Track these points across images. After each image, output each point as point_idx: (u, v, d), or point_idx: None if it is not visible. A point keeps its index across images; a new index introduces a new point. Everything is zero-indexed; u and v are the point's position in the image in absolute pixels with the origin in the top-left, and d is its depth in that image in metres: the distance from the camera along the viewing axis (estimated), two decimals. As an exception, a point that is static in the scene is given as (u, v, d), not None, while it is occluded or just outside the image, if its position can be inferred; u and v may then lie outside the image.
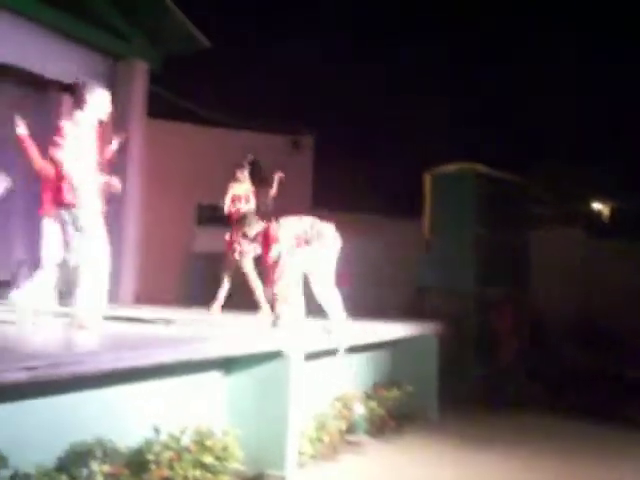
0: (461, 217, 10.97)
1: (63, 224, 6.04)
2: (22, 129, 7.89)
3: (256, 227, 7.41)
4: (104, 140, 6.27)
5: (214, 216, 9.39)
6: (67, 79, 10.09)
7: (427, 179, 11.35)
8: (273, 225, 7.31)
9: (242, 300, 9.13)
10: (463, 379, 9.98)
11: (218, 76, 12.23)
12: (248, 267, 9.15)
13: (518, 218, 12.06)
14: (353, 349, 7.63)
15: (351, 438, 7.29)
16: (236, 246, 8.93)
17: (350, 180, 13.42)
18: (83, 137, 5.97)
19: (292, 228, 7.21)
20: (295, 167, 13.35)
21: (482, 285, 10.95)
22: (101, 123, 6.19)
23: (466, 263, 10.88)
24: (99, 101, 6.09)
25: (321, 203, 13.48)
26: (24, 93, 10.83)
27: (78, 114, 6.03)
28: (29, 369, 3.78)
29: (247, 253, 8.96)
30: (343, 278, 10.81)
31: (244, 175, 9.52)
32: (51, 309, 6.91)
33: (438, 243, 11.18)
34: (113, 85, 10.09)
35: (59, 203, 6.01)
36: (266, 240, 7.27)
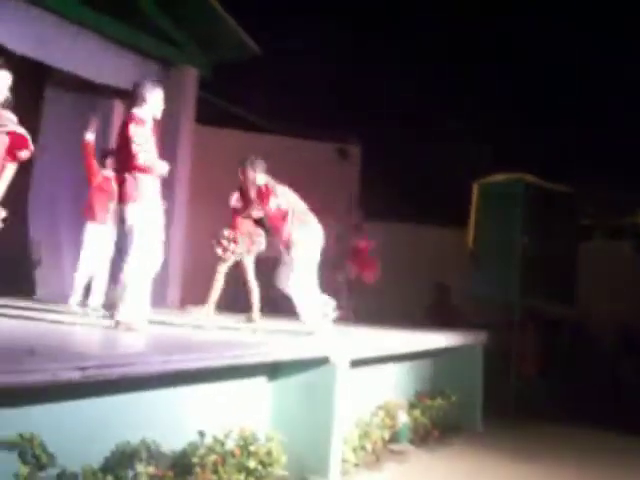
0: (508, 227, 10.87)
1: (118, 224, 6.18)
2: (91, 135, 7.99)
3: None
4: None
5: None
6: (120, 85, 10.22)
7: (475, 188, 11.29)
8: (270, 182, 7.40)
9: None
10: (507, 390, 9.91)
11: (266, 82, 12.27)
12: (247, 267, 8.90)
13: (566, 230, 11.92)
14: (396, 357, 7.63)
15: (394, 447, 7.27)
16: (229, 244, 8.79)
17: (396, 189, 13.36)
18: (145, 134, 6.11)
19: (290, 194, 7.32)
20: (341, 176, 13.35)
21: (527, 297, 10.85)
22: (155, 122, 6.32)
23: (511, 274, 10.78)
24: (156, 99, 6.23)
25: (367, 212, 13.45)
26: (76, 99, 10.99)
27: (137, 112, 6.14)
28: (81, 369, 3.83)
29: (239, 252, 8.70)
30: (369, 272, 10.83)
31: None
32: (101, 311, 7.02)
33: (483, 253, 11.11)
34: (164, 91, 10.18)
35: (122, 199, 6.10)
36: (263, 194, 7.32)
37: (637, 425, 9.07)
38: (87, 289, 8.49)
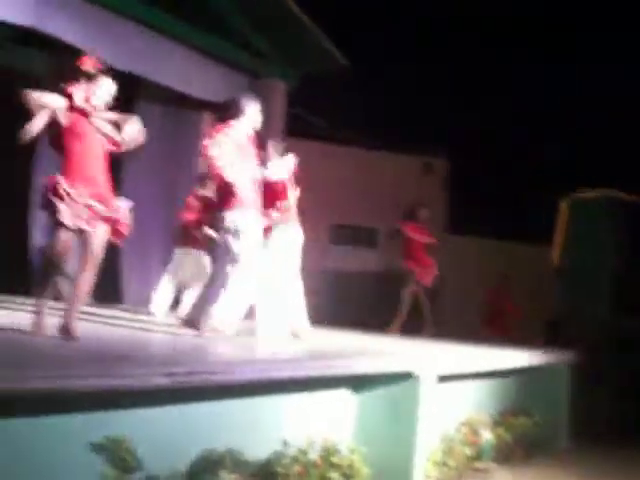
0: (598, 245, 10.64)
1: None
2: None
3: None
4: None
5: (347, 235, 9.39)
6: (208, 97, 10.34)
7: (564, 205, 11.09)
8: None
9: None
10: (597, 410, 9.65)
11: (352, 95, 12.27)
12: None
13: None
14: (481, 374, 7.52)
15: (478, 465, 7.15)
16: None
17: (483, 205, 13.19)
18: (241, 148, 6.18)
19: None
20: (427, 190, 13.24)
21: (617, 315, 10.58)
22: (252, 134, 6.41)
23: (601, 293, 10.54)
24: (254, 112, 6.31)
25: (454, 228, 13.34)
26: (165, 112, 11.16)
27: (234, 125, 6.23)
28: (170, 375, 3.88)
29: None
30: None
31: None
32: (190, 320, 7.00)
33: (572, 271, 10.89)
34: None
35: (221, 207, 6.20)
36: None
37: None
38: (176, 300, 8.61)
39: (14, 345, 4.47)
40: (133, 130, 5.39)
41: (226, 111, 6.38)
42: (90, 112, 5.23)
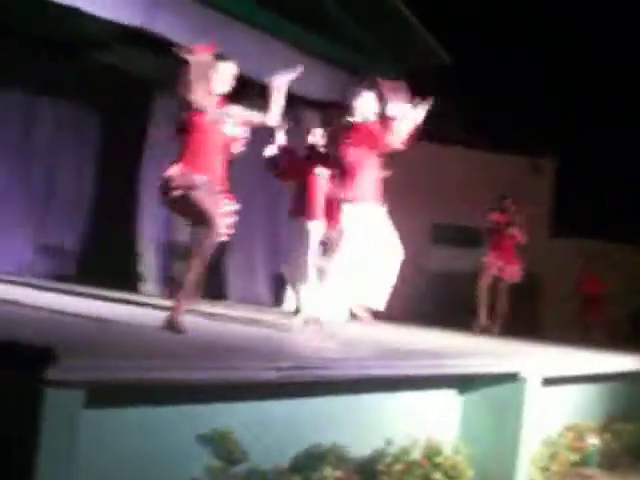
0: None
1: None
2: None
3: None
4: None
5: (449, 236, 9.28)
6: (310, 95, 10.34)
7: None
8: None
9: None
10: None
11: (455, 92, 12.13)
12: None
13: None
14: (587, 378, 7.35)
15: (583, 471, 6.99)
16: None
17: (593, 206, 12.84)
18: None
19: None
20: (533, 190, 12.96)
21: None
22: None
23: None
24: (367, 103, 6.31)
25: (561, 229, 13.06)
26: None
27: (348, 120, 6.24)
28: (278, 369, 3.90)
29: None
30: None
31: None
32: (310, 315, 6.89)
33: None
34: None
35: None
36: None
37: None
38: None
39: (129, 336, 4.58)
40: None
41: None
42: (220, 120, 5.21)
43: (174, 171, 5.04)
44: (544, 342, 9.11)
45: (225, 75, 5.26)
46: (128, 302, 7.11)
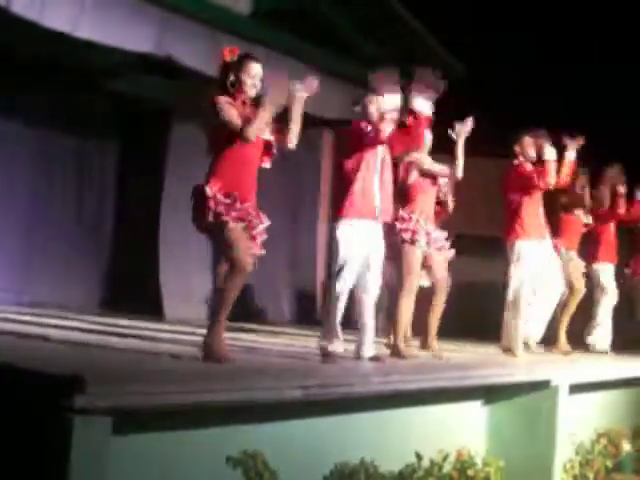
0: None
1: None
2: None
3: None
4: None
5: (473, 246, 9.16)
6: (327, 114, 10.32)
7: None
8: None
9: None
10: None
11: (491, 104, 12.04)
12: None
13: None
14: (618, 383, 7.29)
15: (617, 477, 6.92)
16: None
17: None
18: None
19: None
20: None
21: None
22: None
23: None
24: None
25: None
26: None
27: None
28: (304, 388, 3.91)
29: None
30: None
31: None
32: None
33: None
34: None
35: None
36: None
37: None
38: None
39: (153, 362, 4.59)
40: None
41: None
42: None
43: (212, 190, 4.60)
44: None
45: (255, 76, 4.80)
46: (150, 329, 7.13)
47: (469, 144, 6.76)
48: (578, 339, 8.42)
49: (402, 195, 6.27)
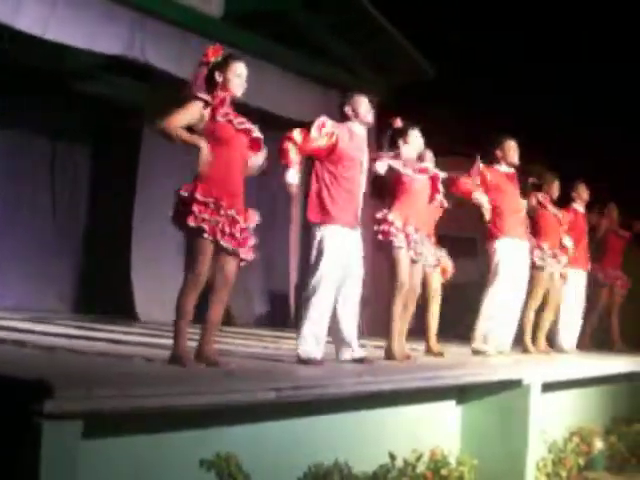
0: None
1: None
2: None
3: None
4: None
5: (457, 247, 9.14)
6: (303, 118, 10.25)
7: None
8: None
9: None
10: None
11: (444, 103, 12.09)
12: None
13: None
14: (590, 381, 7.35)
15: (590, 475, 6.98)
16: None
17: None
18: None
19: None
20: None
21: None
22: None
23: None
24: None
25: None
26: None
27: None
28: (276, 390, 3.91)
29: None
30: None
31: None
32: None
33: None
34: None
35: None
36: None
37: None
38: None
39: (125, 365, 4.58)
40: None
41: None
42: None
43: (197, 194, 4.46)
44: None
45: (239, 75, 4.78)
46: (123, 332, 7.11)
47: (444, 144, 6.78)
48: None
49: (382, 197, 6.26)
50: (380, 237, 5.99)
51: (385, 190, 6.22)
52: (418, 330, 7.25)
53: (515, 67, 12.69)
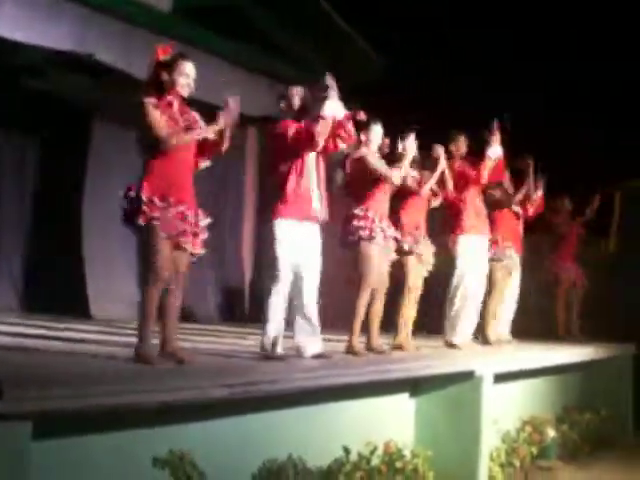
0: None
1: None
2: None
3: None
4: None
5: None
6: (255, 113, 10.24)
7: (617, 195, 10.90)
8: None
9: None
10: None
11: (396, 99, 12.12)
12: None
13: None
14: (542, 371, 7.45)
15: (543, 463, 7.08)
16: None
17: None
18: None
19: None
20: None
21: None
22: None
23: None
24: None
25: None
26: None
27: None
28: (228, 386, 3.91)
29: None
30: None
31: None
32: None
33: (627, 260, 10.67)
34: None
35: None
36: None
37: None
38: None
39: (77, 363, 4.54)
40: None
41: None
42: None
43: (146, 193, 4.46)
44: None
45: (188, 75, 4.75)
46: (73, 329, 7.04)
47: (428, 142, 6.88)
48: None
49: (353, 192, 6.18)
50: (361, 233, 5.94)
51: (357, 186, 6.19)
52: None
53: (504, 65, 12.71)
